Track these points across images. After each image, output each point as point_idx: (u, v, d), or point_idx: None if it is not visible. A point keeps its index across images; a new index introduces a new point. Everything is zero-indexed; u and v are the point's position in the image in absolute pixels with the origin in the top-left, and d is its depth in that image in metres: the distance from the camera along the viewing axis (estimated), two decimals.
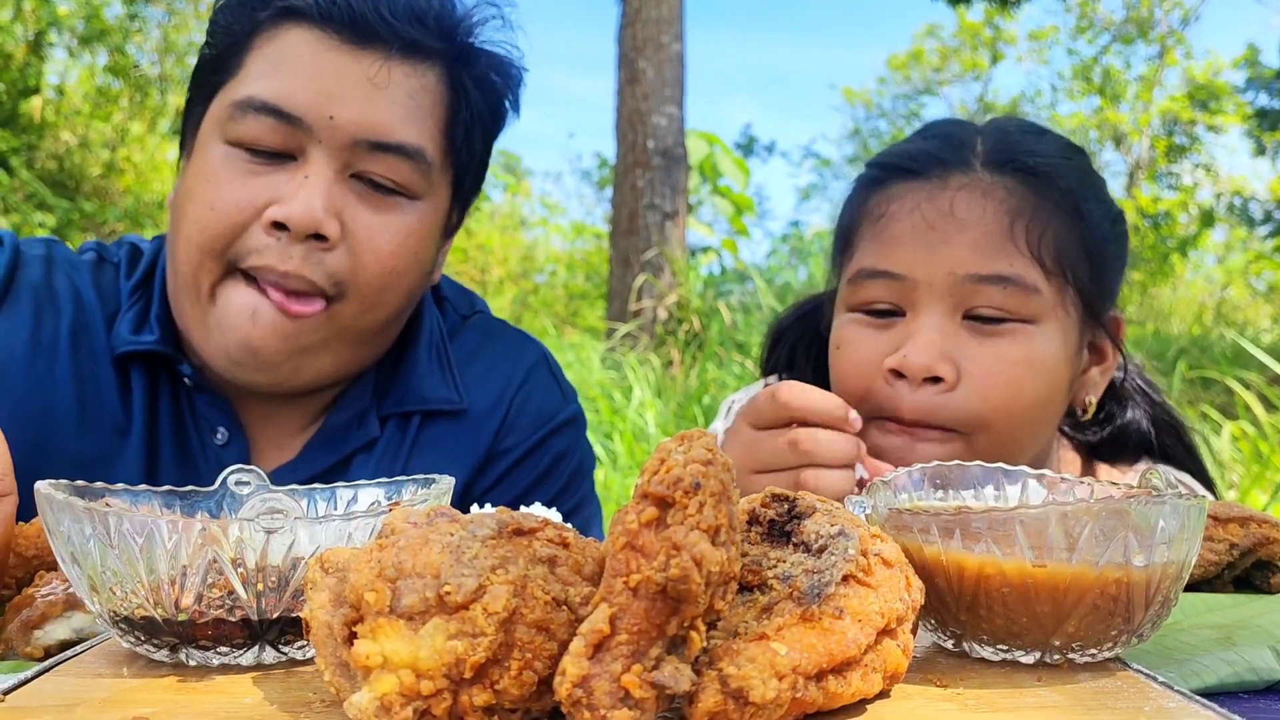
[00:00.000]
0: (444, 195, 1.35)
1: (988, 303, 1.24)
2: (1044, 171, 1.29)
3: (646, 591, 0.52)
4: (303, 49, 1.23)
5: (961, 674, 0.67)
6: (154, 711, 0.57)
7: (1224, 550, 0.98)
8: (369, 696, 0.53)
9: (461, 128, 1.33)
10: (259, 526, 0.64)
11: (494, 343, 1.52)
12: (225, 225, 1.20)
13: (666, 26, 8.71)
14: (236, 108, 1.22)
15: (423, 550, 0.57)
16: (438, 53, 1.29)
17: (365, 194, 1.25)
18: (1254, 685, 0.72)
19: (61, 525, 0.66)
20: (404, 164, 1.26)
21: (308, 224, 1.19)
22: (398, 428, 1.40)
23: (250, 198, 1.21)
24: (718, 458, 0.55)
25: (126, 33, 11.78)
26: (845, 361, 1.32)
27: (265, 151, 1.22)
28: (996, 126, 1.39)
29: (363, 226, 1.24)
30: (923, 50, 21.57)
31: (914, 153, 1.34)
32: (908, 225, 1.27)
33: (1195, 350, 7.67)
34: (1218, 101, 16.13)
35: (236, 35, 1.27)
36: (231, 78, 1.25)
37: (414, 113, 1.26)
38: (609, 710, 0.51)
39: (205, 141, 1.26)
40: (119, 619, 0.66)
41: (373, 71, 1.24)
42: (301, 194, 1.19)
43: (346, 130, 1.22)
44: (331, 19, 1.23)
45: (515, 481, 1.44)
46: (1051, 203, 1.27)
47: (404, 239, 1.28)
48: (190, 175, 1.26)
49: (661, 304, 8.44)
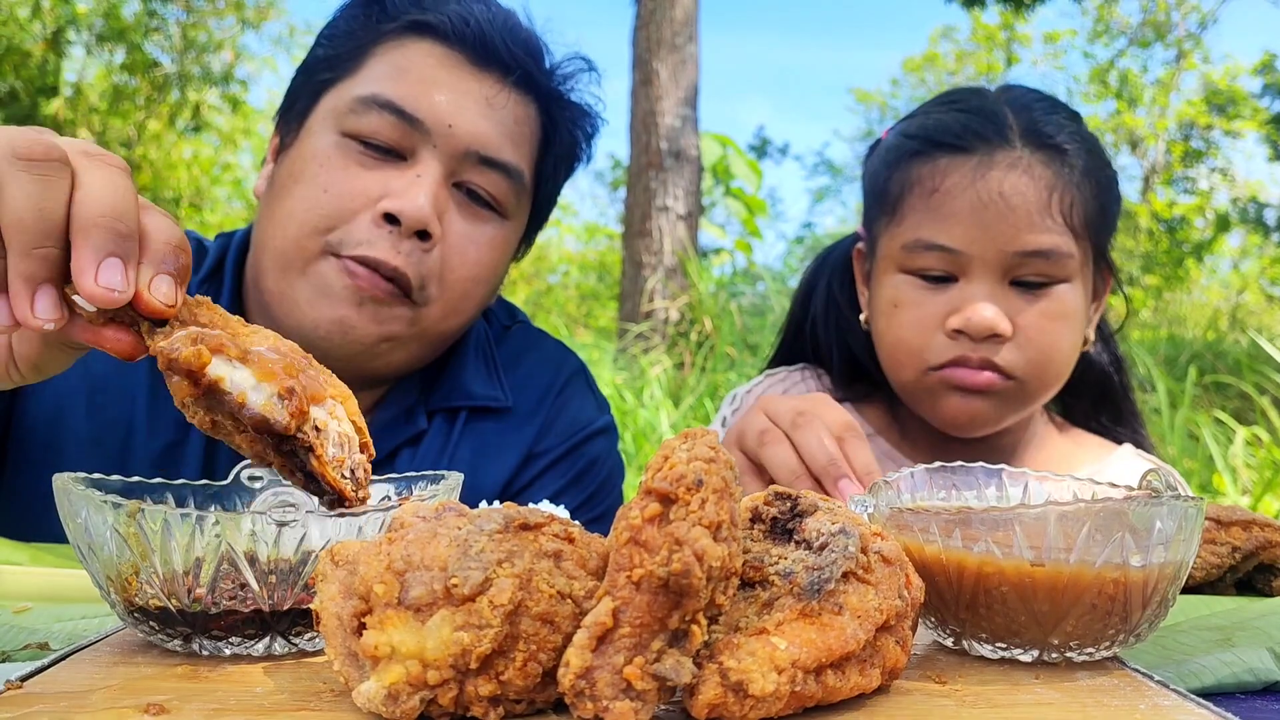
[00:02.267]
0: (524, 219, 1.43)
1: (1032, 272, 1.41)
2: (1067, 146, 1.44)
3: (649, 585, 0.53)
4: (430, 60, 1.31)
5: (960, 671, 0.68)
6: (168, 699, 0.59)
7: (1226, 554, 0.98)
8: (377, 686, 0.55)
9: (551, 161, 1.42)
10: (271, 520, 0.65)
11: (535, 350, 1.57)
12: (336, 209, 1.25)
13: (681, 28, 8.71)
14: (359, 102, 1.28)
15: (431, 544, 0.58)
16: (542, 90, 1.38)
17: (463, 204, 1.32)
18: (1251, 686, 0.72)
19: (79, 517, 0.67)
20: (504, 181, 1.33)
21: (419, 219, 1.25)
22: (444, 423, 1.44)
23: (364, 188, 1.26)
24: (720, 455, 0.56)
25: (145, 30, 11.84)
26: (907, 319, 1.46)
27: (379, 146, 1.28)
28: (1017, 100, 1.51)
29: (457, 233, 1.31)
30: (938, 53, 21.54)
31: (955, 128, 1.46)
32: (963, 204, 1.41)
33: (1209, 355, 7.64)
34: (1235, 106, 16.05)
35: (359, 40, 1.33)
36: (347, 76, 1.31)
37: (519, 137, 1.35)
38: (611, 701, 0.52)
39: (315, 129, 1.31)
40: (134, 609, 0.68)
41: (491, 93, 1.32)
42: (413, 191, 1.25)
43: (461, 140, 1.29)
44: (463, 39, 1.31)
45: (548, 484, 1.47)
46: (1076, 173, 1.43)
47: (490, 251, 1.35)
48: (298, 159, 1.30)
49: (674, 305, 8.45)
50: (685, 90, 8.73)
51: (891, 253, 1.48)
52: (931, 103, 1.59)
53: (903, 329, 1.46)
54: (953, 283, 1.43)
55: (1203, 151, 16.44)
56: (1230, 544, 1.00)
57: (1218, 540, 1.00)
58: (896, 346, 1.47)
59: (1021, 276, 1.41)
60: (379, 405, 1.42)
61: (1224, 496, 4.86)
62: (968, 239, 1.40)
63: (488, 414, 1.46)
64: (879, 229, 1.52)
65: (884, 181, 1.51)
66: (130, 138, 11.88)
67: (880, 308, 1.50)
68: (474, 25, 1.31)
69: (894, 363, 1.49)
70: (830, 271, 1.69)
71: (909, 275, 1.46)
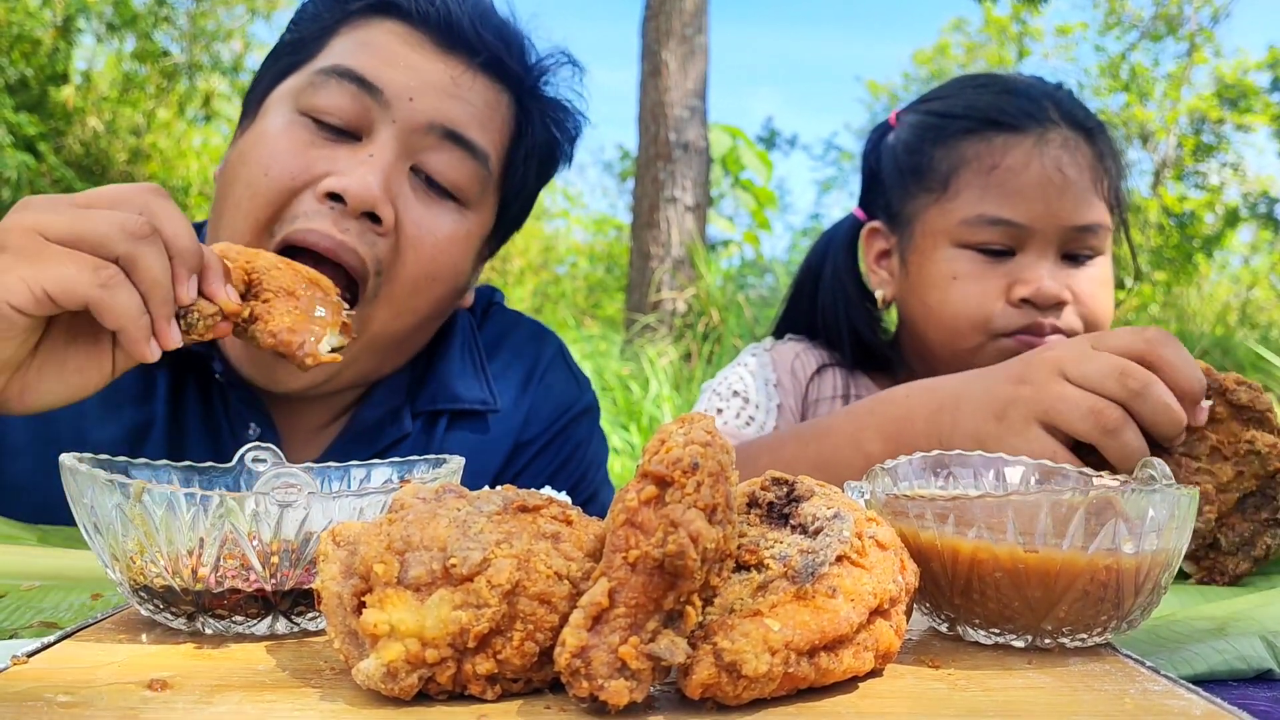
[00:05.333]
0: (490, 214, 1.35)
1: (1083, 246, 1.51)
2: (1097, 129, 1.56)
3: (645, 567, 0.54)
4: (392, 39, 1.26)
5: (954, 656, 0.68)
6: (171, 675, 0.60)
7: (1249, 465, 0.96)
8: (376, 663, 0.55)
9: (522, 152, 1.35)
10: (274, 501, 0.66)
11: (512, 335, 1.53)
12: (277, 191, 1.19)
13: (690, 19, 8.70)
14: (318, 74, 1.23)
15: (430, 524, 0.59)
16: (513, 78, 1.32)
17: (420, 189, 1.25)
18: (1244, 674, 0.73)
19: (85, 497, 0.68)
20: (467, 162, 1.27)
21: (365, 199, 1.18)
22: (427, 425, 1.40)
23: (307, 166, 1.20)
24: (716, 439, 0.57)
25: (155, 19, 11.85)
26: (971, 291, 1.52)
27: (333, 126, 1.23)
28: (1042, 85, 1.60)
29: (412, 221, 1.23)
30: (948, 44, 21.46)
31: (1008, 108, 1.53)
32: (1027, 180, 1.49)
33: (1218, 351, 7.63)
34: (1246, 100, 15.97)
35: (323, 22, 1.30)
36: (311, 58, 1.27)
37: (485, 120, 1.29)
38: (606, 680, 0.53)
39: (270, 110, 1.26)
40: (139, 588, 0.69)
41: (457, 73, 1.27)
42: (361, 170, 1.19)
43: (423, 113, 1.23)
44: (427, 20, 1.27)
45: (537, 471, 1.46)
46: (1106, 152, 1.55)
47: (450, 244, 1.28)
48: (245, 140, 1.26)
49: (681, 296, 8.46)
50: (694, 81, 8.72)
51: (945, 228, 1.54)
52: (954, 85, 1.66)
53: (966, 300, 1.52)
54: (1010, 256, 1.50)
55: (1213, 146, 16.36)
56: (1250, 448, 0.96)
57: (1237, 440, 0.97)
58: (958, 317, 1.52)
59: (1073, 250, 1.51)
60: (362, 405, 1.38)
61: None
62: (1032, 214, 1.48)
63: (472, 415, 1.43)
64: (918, 206, 1.58)
65: (928, 160, 1.57)
66: (140, 126, 11.90)
67: (933, 280, 1.55)
68: (440, 5, 1.27)
69: (953, 332, 1.54)
70: (835, 254, 1.71)
71: (967, 249, 1.52)
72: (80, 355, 0.98)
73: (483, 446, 1.42)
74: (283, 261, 1.08)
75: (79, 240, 0.91)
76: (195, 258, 0.97)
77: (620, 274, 13.43)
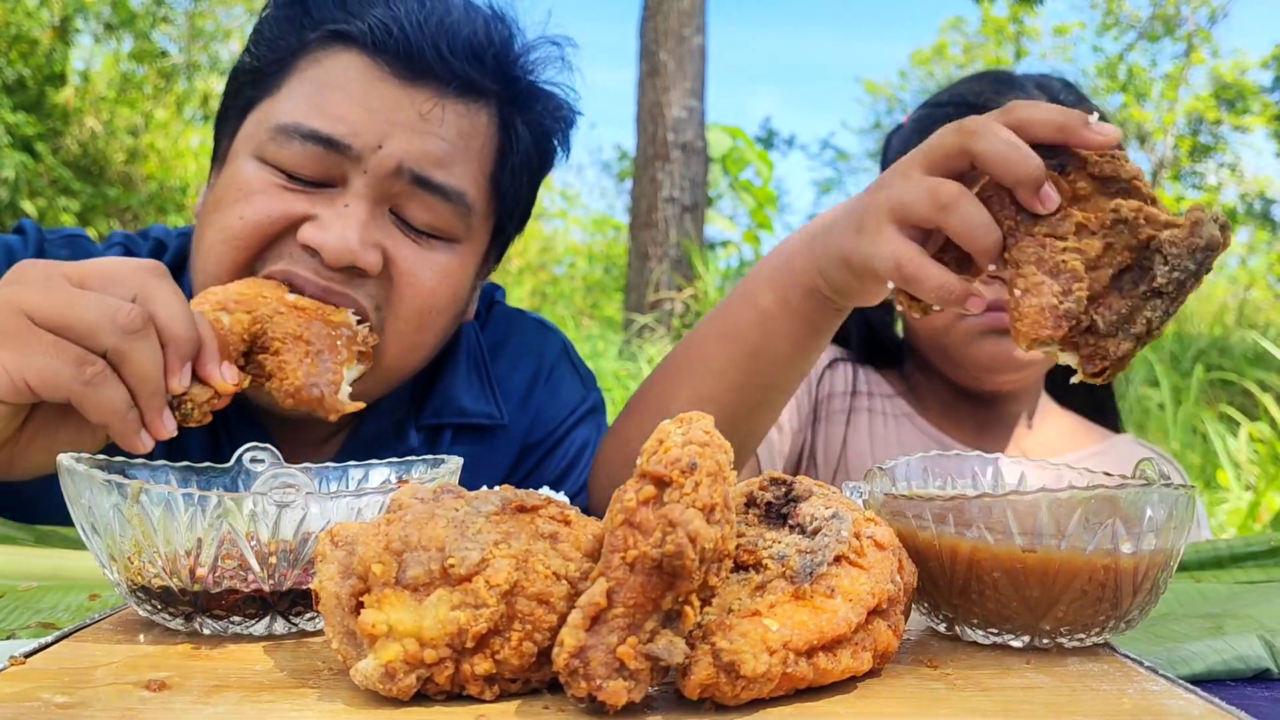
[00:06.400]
0: (483, 240, 1.30)
1: None
2: None
3: (643, 566, 0.54)
4: (352, 75, 1.17)
5: (953, 656, 0.68)
6: (169, 676, 0.60)
7: (1116, 238, 0.85)
8: (374, 663, 0.55)
9: (509, 173, 1.28)
10: (272, 501, 0.66)
11: (516, 336, 1.51)
12: (255, 236, 1.14)
13: (688, 19, 8.71)
14: (280, 131, 1.15)
15: (428, 525, 0.59)
16: (492, 93, 1.24)
17: (407, 229, 1.20)
18: (1242, 673, 0.73)
19: (83, 497, 0.68)
20: (443, 206, 1.20)
21: (342, 256, 1.13)
22: (430, 438, 1.38)
23: (285, 210, 1.15)
24: (714, 439, 0.57)
25: (153, 19, 11.84)
26: None
27: (304, 178, 1.16)
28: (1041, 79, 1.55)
29: (404, 259, 1.18)
30: (946, 44, 21.47)
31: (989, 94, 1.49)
32: None
33: (1215, 351, 7.63)
34: (1244, 101, 15.98)
35: (281, 51, 1.21)
36: (269, 95, 1.20)
37: (463, 154, 1.21)
38: (604, 680, 0.53)
39: (239, 154, 1.20)
40: (137, 588, 0.69)
41: (426, 107, 1.18)
42: (338, 225, 1.13)
43: (393, 157, 1.15)
44: (385, 49, 1.17)
45: (544, 474, 1.45)
46: None
47: (444, 276, 1.23)
48: (220, 186, 1.20)
49: (680, 296, 8.46)
50: (692, 81, 8.72)
51: None
52: (960, 80, 1.66)
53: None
54: None
55: (1211, 146, 16.37)
56: (1116, 217, 0.85)
57: (1103, 213, 0.86)
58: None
59: None
60: (364, 418, 1.34)
61: (1227, 491, 4.87)
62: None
63: (478, 428, 1.40)
64: None
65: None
66: (138, 126, 11.88)
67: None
68: (398, 34, 1.16)
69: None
70: None
71: None
72: (71, 429, 0.95)
73: (489, 460, 1.41)
74: (285, 304, 1.06)
75: (66, 329, 0.88)
76: (190, 345, 0.94)
77: (618, 274, 13.43)
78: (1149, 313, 0.85)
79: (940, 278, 0.91)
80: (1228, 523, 4.46)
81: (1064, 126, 0.88)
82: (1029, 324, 0.84)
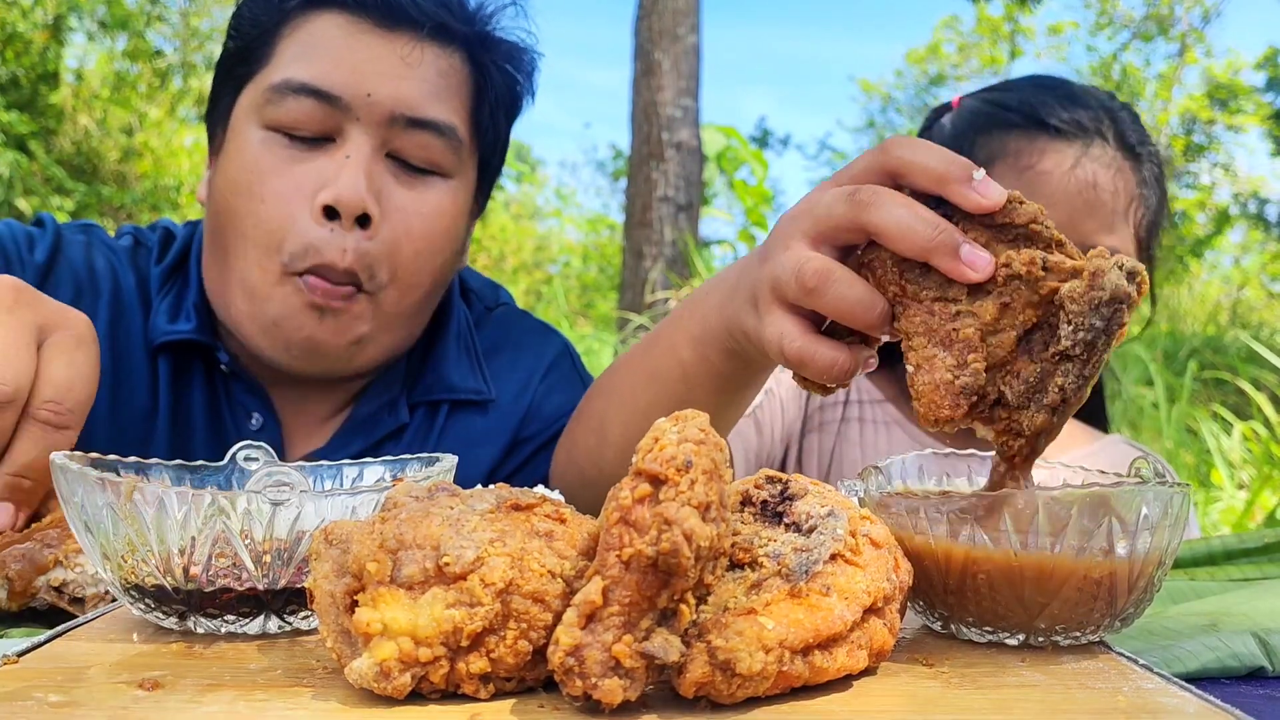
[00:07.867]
0: (471, 175, 1.39)
1: None
2: (1148, 158, 1.53)
3: (638, 565, 0.54)
4: (335, 33, 1.27)
5: (948, 654, 0.68)
6: (162, 674, 0.59)
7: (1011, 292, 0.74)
8: (369, 662, 0.55)
9: (487, 109, 1.37)
10: (266, 499, 0.66)
11: (518, 335, 1.56)
12: (279, 218, 1.23)
13: (683, 18, 8.71)
14: (274, 91, 1.25)
15: (423, 523, 0.59)
16: (462, 36, 1.33)
17: (399, 173, 1.29)
18: (1236, 671, 0.73)
19: (76, 495, 0.68)
20: (436, 140, 1.29)
21: (356, 205, 1.22)
22: (426, 416, 1.43)
23: (297, 186, 1.23)
24: (710, 437, 0.57)
25: (147, 18, 11.82)
26: None
27: (304, 136, 1.25)
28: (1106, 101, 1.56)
29: (397, 208, 1.27)
30: (941, 43, 21.51)
31: (1062, 113, 1.51)
32: (1057, 189, 1.46)
33: (1209, 350, 7.65)
34: (1237, 100, 16.03)
35: (264, 26, 1.30)
36: (262, 67, 1.29)
37: (444, 91, 1.30)
38: (600, 679, 0.53)
39: (240, 129, 1.28)
40: (130, 586, 0.68)
41: (405, 51, 1.28)
42: (345, 175, 1.23)
43: (384, 106, 1.25)
44: (363, 4, 1.27)
45: (536, 468, 1.47)
46: (1148, 185, 1.53)
47: (437, 217, 1.31)
48: (230, 166, 1.28)
49: (675, 296, 8.46)
50: (687, 80, 8.73)
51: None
52: (1023, 80, 1.64)
53: None
54: None
55: (1204, 146, 16.41)
56: (1008, 272, 0.74)
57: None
58: None
59: None
60: (361, 397, 1.42)
61: (1221, 490, 4.88)
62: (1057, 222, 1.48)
63: (469, 406, 1.45)
64: None
65: (968, 145, 1.55)
66: (132, 125, 11.87)
67: None
68: None
69: None
70: None
71: None
72: None
73: (482, 436, 1.45)
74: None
75: None
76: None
77: (613, 273, 13.44)
78: (1060, 379, 0.73)
79: (827, 357, 0.83)
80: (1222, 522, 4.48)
81: (943, 178, 0.78)
82: (925, 404, 0.75)
